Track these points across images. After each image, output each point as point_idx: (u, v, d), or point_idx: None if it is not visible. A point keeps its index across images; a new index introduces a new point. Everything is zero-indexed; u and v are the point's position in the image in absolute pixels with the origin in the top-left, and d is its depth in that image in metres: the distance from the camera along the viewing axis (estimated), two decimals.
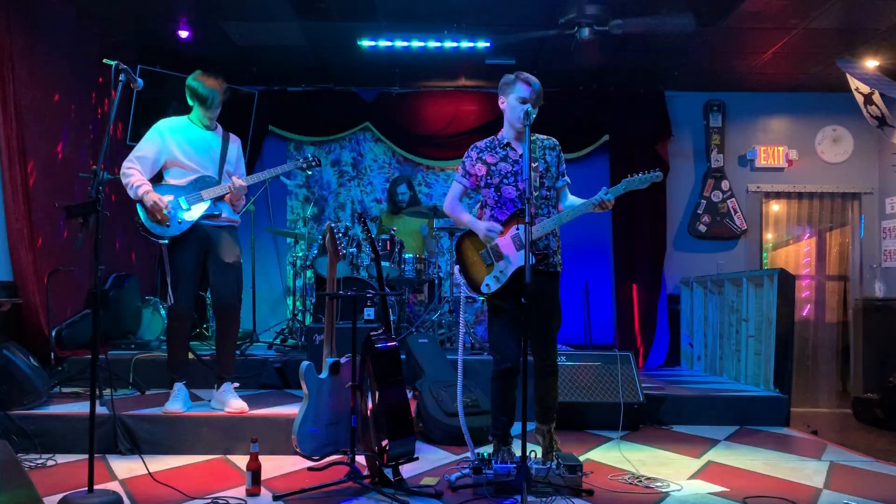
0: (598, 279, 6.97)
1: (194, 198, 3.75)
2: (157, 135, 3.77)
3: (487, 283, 3.24)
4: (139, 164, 3.71)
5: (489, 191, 3.36)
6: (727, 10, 5.25)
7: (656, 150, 7.03)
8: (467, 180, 3.45)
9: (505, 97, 3.36)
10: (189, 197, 3.75)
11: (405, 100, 7.16)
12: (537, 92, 3.27)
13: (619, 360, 4.58)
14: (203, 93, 3.76)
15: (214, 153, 3.87)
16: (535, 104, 3.26)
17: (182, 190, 3.76)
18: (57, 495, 2.77)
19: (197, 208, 3.75)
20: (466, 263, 3.35)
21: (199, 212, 3.75)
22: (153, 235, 3.69)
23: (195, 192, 3.76)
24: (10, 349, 3.87)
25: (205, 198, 3.76)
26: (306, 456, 3.10)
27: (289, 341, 5.78)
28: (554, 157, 3.40)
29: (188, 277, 3.78)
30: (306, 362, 3.15)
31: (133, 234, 6.28)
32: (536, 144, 3.37)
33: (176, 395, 3.83)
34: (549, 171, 3.36)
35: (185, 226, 3.72)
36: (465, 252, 3.37)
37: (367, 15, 5.44)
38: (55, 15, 5.07)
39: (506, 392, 3.32)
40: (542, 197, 3.31)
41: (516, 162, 3.32)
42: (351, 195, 7.16)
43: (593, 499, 2.98)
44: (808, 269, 7.25)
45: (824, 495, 3.08)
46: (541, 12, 5.30)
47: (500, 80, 3.39)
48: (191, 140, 3.81)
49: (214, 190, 3.79)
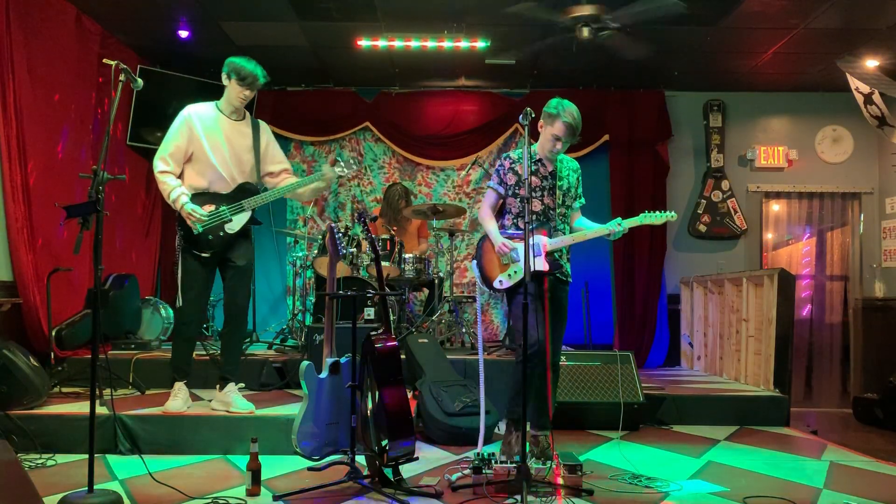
0: (598, 279, 6.97)
1: (236, 208, 3.71)
2: (185, 126, 3.70)
3: (500, 280, 3.51)
4: (172, 163, 3.67)
5: (515, 200, 3.58)
6: (727, 10, 5.25)
7: (656, 150, 7.04)
8: (502, 188, 3.63)
9: (544, 125, 3.56)
10: (231, 208, 3.70)
11: (405, 100, 7.16)
12: (574, 130, 3.48)
13: (619, 360, 4.58)
14: (248, 69, 3.70)
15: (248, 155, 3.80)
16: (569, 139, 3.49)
17: (224, 199, 3.72)
18: (57, 495, 2.77)
19: (238, 219, 3.72)
20: (484, 260, 3.61)
21: (241, 223, 3.73)
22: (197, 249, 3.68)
23: (237, 204, 3.71)
24: (10, 349, 3.87)
25: (246, 208, 3.72)
26: (306, 456, 3.10)
27: (289, 341, 5.79)
28: (575, 178, 3.65)
29: (201, 284, 3.77)
30: (306, 362, 3.15)
31: (133, 234, 6.32)
32: (564, 164, 3.63)
33: (176, 395, 3.82)
34: (570, 192, 3.61)
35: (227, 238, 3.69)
36: (485, 250, 3.62)
37: (367, 15, 5.44)
38: (55, 15, 5.07)
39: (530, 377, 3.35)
40: (562, 214, 3.56)
41: (545, 178, 3.56)
42: (351, 195, 7.16)
43: (593, 499, 2.98)
44: (809, 269, 7.25)
45: (824, 495, 3.07)
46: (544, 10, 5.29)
47: (546, 106, 3.56)
48: (222, 136, 3.73)
49: (257, 199, 3.75)
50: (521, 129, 3.26)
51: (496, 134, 7.09)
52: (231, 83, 3.74)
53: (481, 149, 7.08)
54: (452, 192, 7.17)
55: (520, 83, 7.10)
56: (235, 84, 3.73)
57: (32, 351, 4.17)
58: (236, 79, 3.72)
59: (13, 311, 4.60)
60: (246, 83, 3.71)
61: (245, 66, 3.71)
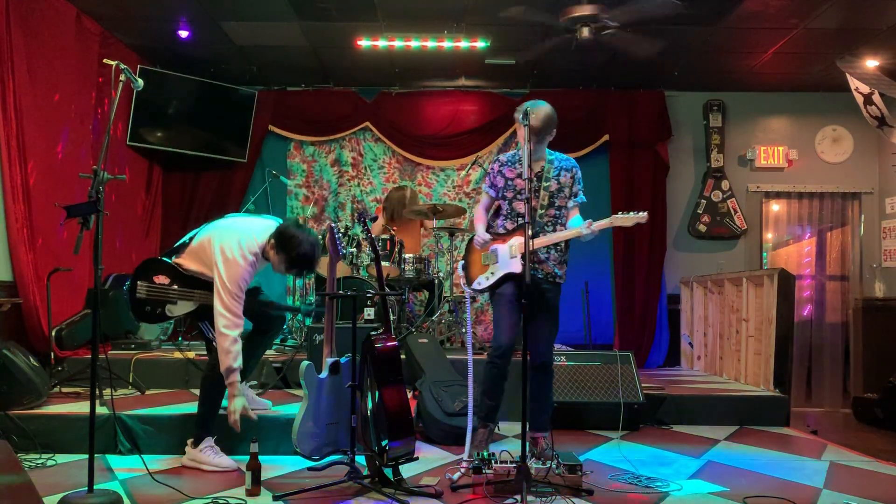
0: (598, 279, 6.96)
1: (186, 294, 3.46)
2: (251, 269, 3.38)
3: (479, 281, 3.56)
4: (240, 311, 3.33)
5: (503, 202, 3.58)
6: (727, 10, 5.25)
7: (656, 150, 7.04)
8: (493, 191, 3.64)
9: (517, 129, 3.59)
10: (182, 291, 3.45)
11: (405, 100, 7.16)
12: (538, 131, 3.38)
13: (619, 360, 4.58)
14: (308, 264, 3.41)
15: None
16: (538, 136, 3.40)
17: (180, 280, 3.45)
18: (57, 495, 2.77)
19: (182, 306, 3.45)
20: (469, 261, 3.66)
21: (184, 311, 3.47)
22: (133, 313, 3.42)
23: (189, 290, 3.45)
24: (10, 349, 3.87)
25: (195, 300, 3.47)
26: (306, 456, 3.10)
27: (289, 341, 5.79)
28: (569, 177, 3.55)
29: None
30: (306, 362, 3.15)
31: (133, 234, 6.32)
32: (553, 164, 3.55)
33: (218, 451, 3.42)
34: (562, 192, 3.53)
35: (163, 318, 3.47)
36: (471, 251, 3.67)
37: (367, 15, 5.44)
38: (55, 15, 5.07)
39: (495, 378, 3.46)
40: (549, 215, 3.51)
41: (530, 180, 3.46)
42: (351, 195, 7.16)
43: (593, 499, 2.98)
44: (809, 269, 7.24)
45: (824, 495, 3.07)
46: (541, 12, 5.29)
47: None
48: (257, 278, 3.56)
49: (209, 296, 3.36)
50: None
51: (496, 134, 7.09)
52: (279, 263, 3.41)
53: (481, 149, 7.08)
54: (452, 192, 7.17)
55: (520, 83, 7.10)
56: (285, 269, 3.43)
57: (32, 351, 4.17)
58: (290, 267, 3.41)
59: (13, 311, 4.60)
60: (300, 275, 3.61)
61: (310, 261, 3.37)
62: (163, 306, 3.41)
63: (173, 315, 3.45)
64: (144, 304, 3.38)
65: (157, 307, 3.40)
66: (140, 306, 3.39)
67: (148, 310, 3.40)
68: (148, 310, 3.40)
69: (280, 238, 3.35)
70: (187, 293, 3.44)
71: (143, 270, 3.42)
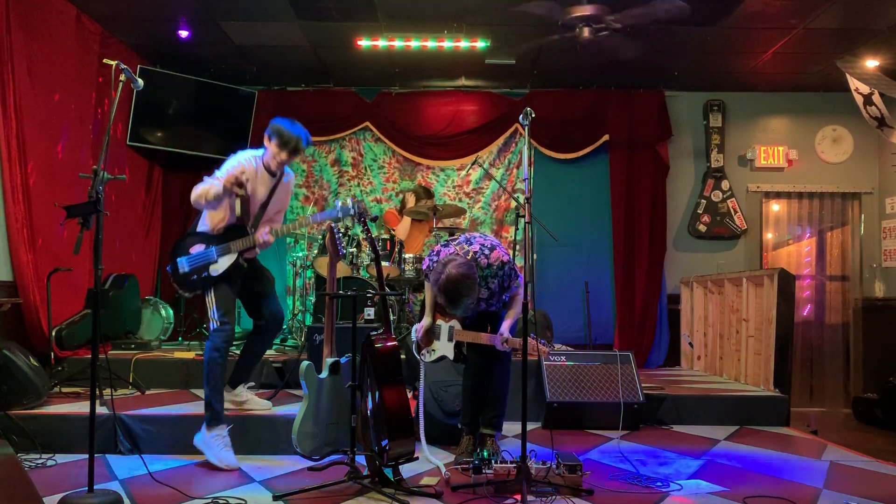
0: (598, 279, 6.96)
1: (223, 250, 3.60)
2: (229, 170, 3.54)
3: (424, 355, 3.66)
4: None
5: None
6: (727, 9, 5.25)
7: (656, 150, 7.04)
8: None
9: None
10: (219, 249, 3.60)
11: (405, 100, 7.16)
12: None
13: (619, 360, 4.58)
14: (290, 133, 3.55)
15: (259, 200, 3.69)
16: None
17: (213, 240, 3.62)
18: (57, 495, 2.77)
19: (224, 261, 3.59)
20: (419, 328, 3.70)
21: (227, 264, 3.59)
22: (183, 289, 3.63)
23: (225, 244, 3.61)
24: (10, 349, 3.87)
25: (233, 250, 3.62)
26: (306, 456, 3.11)
27: (289, 341, 5.79)
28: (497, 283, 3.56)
29: (233, 305, 3.69)
30: (306, 362, 3.15)
31: (133, 234, 6.32)
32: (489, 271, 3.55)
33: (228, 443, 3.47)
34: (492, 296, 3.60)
35: (210, 280, 3.58)
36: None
37: (367, 15, 5.44)
38: (55, 15, 5.07)
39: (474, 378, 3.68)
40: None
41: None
42: (351, 195, 7.16)
43: (593, 499, 2.98)
44: (809, 269, 7.24)
45: (824, 495, 3.08)
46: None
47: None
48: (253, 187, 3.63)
49: (244, 241, 3.61)
50: (521, 129, 3.27)
51: (496, 134, 7.09)
52: (271, 145, 3.59)
53: (481, 149, 7.08)
54: (452, 192, 7.17)
55: (520, 83, 7.10)
56: (275, 147, 3.58)
57: (32, 351, 4.17)
58: (277, 141, 3.56)
59: (13, 311, 4.60)
60: (287, 148, 3.57)
61: (288, 130, 3.56)
62: (207, 269, 3.59)
63: (219, 273, 3.59)
64: (190, 275, 3.59)
65: (203, 272, 3.59)
66: (186, 279, 3.60)
67: (195, 278, 3.59)
68: (195, 278, 3.59)
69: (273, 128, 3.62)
70: (224, 248, 3.61)
71: (178, 249, 3.65)
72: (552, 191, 7.08)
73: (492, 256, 3.48)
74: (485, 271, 3.48)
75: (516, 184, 7.06)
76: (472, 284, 3.26)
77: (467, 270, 3.24)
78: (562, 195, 7.11)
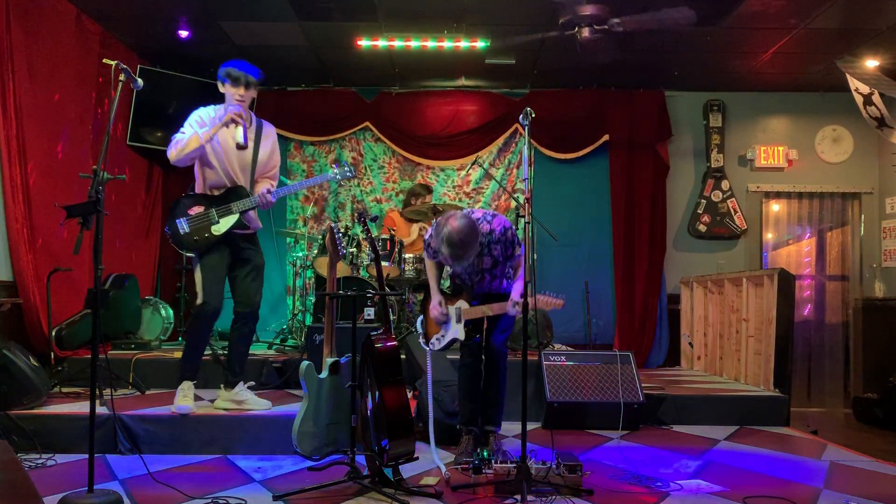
0: (598, 279, 6.97)
1: (223, 210, 3.71)
2: (195, 123, 3.75)
3: (432, 343, 3.69)
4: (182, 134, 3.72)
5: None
6: (727, 9, 5.25)
7: (656, 149, 7.04)
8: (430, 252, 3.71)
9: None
10: (219, 210, 3.71)
11: (405, 100, 7.17)
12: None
13: (619, 360, 4.57)
14: (236, 69, 3.75)
15: (245, 156, 3.80)
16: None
17: (213, 202, 3.73)
18: (57, 495, 2.77)
19: (226, 221, 3.71)
20: (426, 318, 3.76)
21: (228, 224, 3.71)
22: (183, 249, 3.71)
23: (225, 205, 3.72)
24: (10, 349, 3.87)
25: (234, 210, 3.72)
26: (306, 456, 3.10)
27: (289, 341, 5.79)
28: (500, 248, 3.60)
29: (219, 279, 3.77)
30: (306, 362, 3.15)
31: (133, 234, 6.32)
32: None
33: (186, 394, 3.78)
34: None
35: (213, 239, 3.69)
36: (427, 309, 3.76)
37: (367, 15, 5.44)
38: (55, 15, 5.07)
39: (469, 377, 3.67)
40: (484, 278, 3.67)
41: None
42: (351, 195, 7.16)
43: (593, 499, 2.98)
44: (809, 269, 7.25)
45: (824, 495, 3.07)
46: (541, 12, 5.30)
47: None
48: (225, 138, 3.74)
49: (245, 202, 3.74)
50: (521, 129, 3.27)
51: (496, 134, 7.09)
52: (225, 87, 3.79)
53: (481, 149, 7.09)
54: (452, 192, 7.17)
55: (520, 83, 7.11)
56: (229, 87, 3.78)
57: (32, 351, 4.16)
58: (229, 82, 3.77)
59: (13, 311, 4.60)
60: (239, 83, 3.75)
61: (234, 67, 3.77)
62: (208, 230, 3.69)
63: (220, 233, 3.70)
64: (191, 235, 3.67)
65: (204, 233, 3.68)
66: (187, 238, 3.67)
67: (196, 239, 3.68)
68: (196, 239, 3.68)
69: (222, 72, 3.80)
70: (224, 209, 3.72)
71: (177, 209, 3.71)
72: (552, 191, 7.08)
73: (494, 222, 3.54)
74: (487, 237, 3.52)
75: (516, 184, 7.06)
76: (475, 233, 3.31)
77: (469, 221, 3.31)
78: (562, 195, 7.12)
